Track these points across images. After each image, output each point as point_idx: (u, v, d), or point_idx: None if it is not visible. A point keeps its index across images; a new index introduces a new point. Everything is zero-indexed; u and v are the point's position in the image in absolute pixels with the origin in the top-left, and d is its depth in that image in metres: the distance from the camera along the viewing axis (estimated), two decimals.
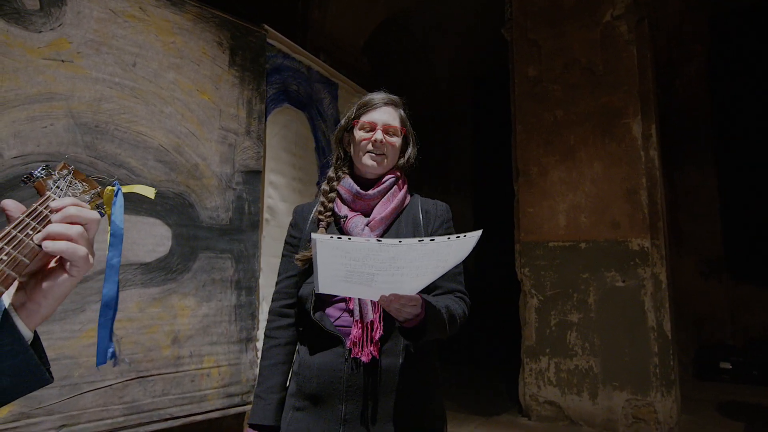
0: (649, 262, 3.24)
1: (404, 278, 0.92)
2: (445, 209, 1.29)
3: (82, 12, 1.97)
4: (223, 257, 2.18)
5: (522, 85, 3.80)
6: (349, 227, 1.18)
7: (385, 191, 1.23)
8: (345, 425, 1.10)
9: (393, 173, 1.26)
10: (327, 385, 1.12)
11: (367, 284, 0.93)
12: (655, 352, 3.15)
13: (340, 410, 1.10)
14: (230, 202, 2.26)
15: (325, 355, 1.13)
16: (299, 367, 1.18)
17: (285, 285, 1.26)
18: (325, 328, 1.13)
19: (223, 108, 2.33)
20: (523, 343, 3.63)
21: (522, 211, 3.72)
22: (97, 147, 1.92)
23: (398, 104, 1.28)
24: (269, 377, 1.20)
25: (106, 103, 1.97)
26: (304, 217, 1.28)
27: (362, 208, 1.22)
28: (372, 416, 1.10)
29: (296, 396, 1.16)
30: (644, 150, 3.30)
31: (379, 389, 1.12)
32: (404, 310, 0.99)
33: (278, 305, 1.26)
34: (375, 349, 1.10)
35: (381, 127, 1.22)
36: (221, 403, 2.04)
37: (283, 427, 1.16)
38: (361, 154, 1.22)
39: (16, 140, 1.75)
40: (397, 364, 1.13)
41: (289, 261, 1.26)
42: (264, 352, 1.24)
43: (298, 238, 1.26)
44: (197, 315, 2.06)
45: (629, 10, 3.45)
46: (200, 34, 2.30)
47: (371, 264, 0.87)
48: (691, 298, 5.58)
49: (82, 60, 1.94)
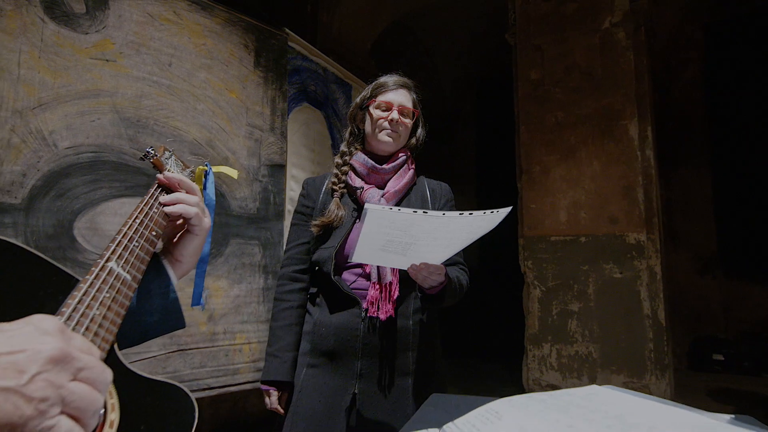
0: (644, 254, 3.42)
1: (437, 248, 1.00)
2: (448, 189, 1.42)
3: (123, 15, 2.13)
4: (251, 243, 2.35)
5: (525, 88, 3.98)
6: (365, 198, 1.26)
7: (399, 167, 1.33)
8: (360, 380, 1.17)
9: (404, 151, 1.35)
10: (344, 342, 1.19)
11: (402, 253, 1.02)
12: (650, 338, 3.32)
13: (356, 366, 1.18)
14: (257, 193, 2.43)
15: (342, 315, 1.21)
16: (314, 326, 1.24)
17: (297, 251, 1.33)
18: (343, 289, 1.20)
19: (249, 106, 2.49)
20: (526, 332, 3.80)
21: (525, 207, 3.89)
22: (139, 140, 2.09)
23: (411, 87, 1.38)
24: (283, 337, 1.26)
25: (146, 100, 2.13)
26: (316, 188, 1.36)
27: (376, 182, 1.31)
28: (386, 372, 1.19)
29: (310, 354, 1.23)
30: (640, 150, 3.49)
31: (392, 347, 1.20)
32: (431, 278, 1.07)
33: (290, 270, 1.31)
34: (392, 307, 1.18)
35: (397, 107, 1.30)
36: (252, 376, 2.20)
37: (297, 383, 1.22)
38: (377, 131, 1.31)
39: (68, 132, 1.92)
40: (409, 325, 1.23)
41: (300, 229, 1.34)
42: (276, 314, 1.29)
43: (311, 207, 1.33)
44: (230, 296, 2.23)
45: (627, 18, 3.63)
46: (228, 37, 2.47)
47: (412, 233, 0.95)
48: (686, 294, 5.77)
49: (124, 60, 2.10)
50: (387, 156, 1.35)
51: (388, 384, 1.19)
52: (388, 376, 1.19)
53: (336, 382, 1.19)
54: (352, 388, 1.17)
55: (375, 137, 1.32)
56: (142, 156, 0.83)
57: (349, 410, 1.17)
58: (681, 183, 5.87)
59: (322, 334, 1.23)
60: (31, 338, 0.36)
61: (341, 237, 1.24)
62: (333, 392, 1.17)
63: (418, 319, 1.26)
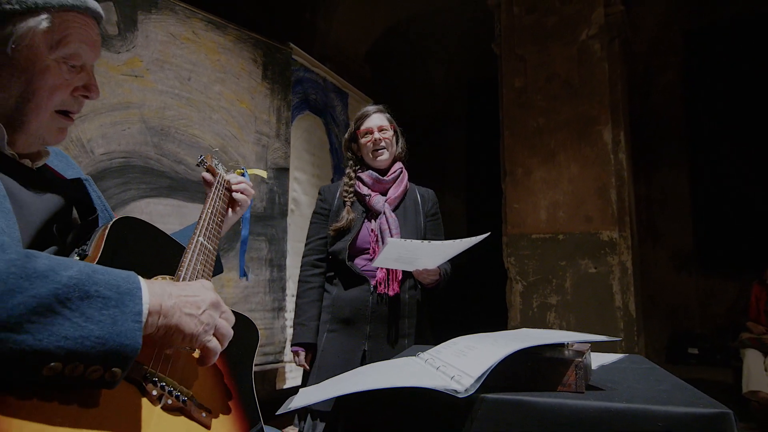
0: (617, 251, 3.74)
1: (434, 259, 1.45)
2: (433, 194, 1.82)
3: (150, 36, 2.41)
4: (259, 239, 2.63)
5: (509, 95, 4.29)
6: (372, 203, 1.66)
7: (396, 177, 1.72)
8: (369, 340, 1.56)
9: (398, 163, 1.74)
10: (356, 311, 1.57)
11: (409, 263, 1.46)
12: (621, 328, 3.64)
13: (366, 329, 1.57)
14: (264, 193, 2.71)
15: (355, 290, 1.60)
16: (333, 300, 1.63)
17: (317, 244, 1.71)
18: (356, 271, 1.60)
19: (257, 115, 2.78)
20: (509, 324, 4.11)
21: (509, 207, 4.20)
22: (163, 146, 2.37)
23: (384, 110, 1.77)
24: (308, 310, 1.64)
25: (168, 111, 2.41)
26: (332, 194, 1.74)
27: (380, 189, 1.70)
28: (389, 333, 1.58)
29: (330, 322, 1.61)
30: (614, 153, 3.80)
31: (394, 315, 1.59)
32: (429, 278, 1.53)
33: (312, 258, 1.70)
34: (397, 285, 1.58)
35: (376, 128, 1.69)
36: (259, 360, 2.49)
37: (319, 345, 1.60)
38: (369, 153, 1.69)
39: (103, 140, 2.19)
40: (406, 299, 1.62)
41: (318, 226, 1.72)
42: (301, 293, 1.67)
43: (328, 209, 1.72)
44: (239, 286, 2.51)
45: (602, 31, 3.95)
46: (239, 53, 2.75)
47: (417, 253, 1.38)
48: (664, 290, 6.06)
49: (150, 75, 2.38)
50: (385, 168, 1.72)
51: (391, 342, 1.57)
52: (390, 336, 1.58)
53: (351, 342, 1.56)
54: (363, 346, 1.56)
55: (370, 158, 1.71)
56: (198, 162, 1.13)
57: (361, 363, 1.53)
58: (661, 183, 6.14)
59: (340, 305, 1.60)
60: (202, 290, 0.66)
61: (354, 234, 1.62)
62: (349, 350, 1.55)
63: (412, 294, 1.65)
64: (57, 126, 0.78)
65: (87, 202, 0.85)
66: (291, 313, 2.62)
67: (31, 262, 0.52)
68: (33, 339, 0.50)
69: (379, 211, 1.64)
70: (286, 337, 2.64)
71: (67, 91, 0.76)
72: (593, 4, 4.00)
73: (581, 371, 0.75)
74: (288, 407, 0.79)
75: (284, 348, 2.62)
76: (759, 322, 3.99)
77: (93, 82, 0.79)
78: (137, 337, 0.56)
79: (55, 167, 0.89)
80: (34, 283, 0.51)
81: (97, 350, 0.53)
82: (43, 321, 0.51)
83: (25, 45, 0.70)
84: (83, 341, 0.52)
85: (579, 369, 0.75)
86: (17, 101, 0.71)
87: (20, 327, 0.50)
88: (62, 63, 0.74)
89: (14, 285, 0.50)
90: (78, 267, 0.56)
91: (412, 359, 0.90)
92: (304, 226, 2.80)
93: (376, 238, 1.60)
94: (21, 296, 0.50)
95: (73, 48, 0.74)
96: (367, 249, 1.62)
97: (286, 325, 2.67)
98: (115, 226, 0.75)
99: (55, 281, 0.53)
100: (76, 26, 0.74)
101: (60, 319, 0.52)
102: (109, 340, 0.54)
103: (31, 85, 0.71)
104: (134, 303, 0.57)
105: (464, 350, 0.82)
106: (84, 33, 0.75)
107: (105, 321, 0.54)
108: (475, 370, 0.70)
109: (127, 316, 0.56)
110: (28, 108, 0.72)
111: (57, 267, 0.54)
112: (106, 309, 0.55)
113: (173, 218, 2.28)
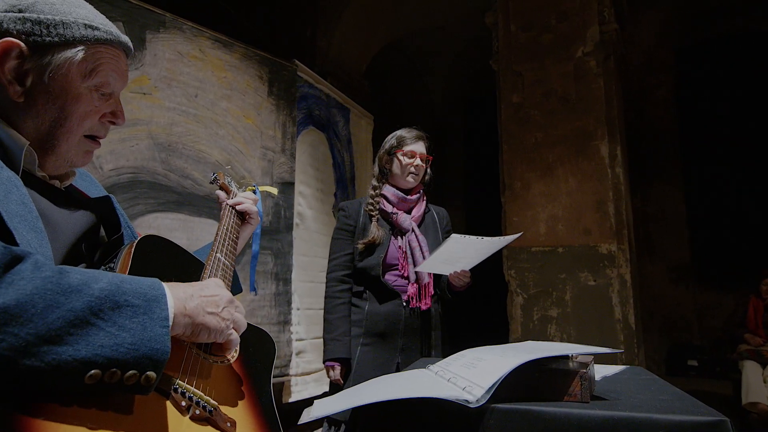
0: (615, 263, 3.78)
1: (471, 260, 1.53)
2: (446, 213, 1.92)
3: (158, 54, 2.47)
4: (264, 253, 2.67)
5: (507, 110, 4.36)
6: (399, 220, 1.73)
7: (420, 198, 1.80)
8: (402, 353, 1.63)
9: (420, 186, 1.83)
10: (390, 325, 1.63)
11: (452, 264, 1.53)
12: (621, 340, 3.67)
13: (399, 343, 1.63)
14: (270, 207, 2.75)
15: (388, 305, 1.65)
16: (366, 315, 1.67)
17: (344, 260, 1.73)
18: (389, 287, 1.66)
19: (263, 130, 2.83)
20: (510, 336, 4.13)
21: (508, 220, 4.25)
22: (170, 162, 2.41)
23: (425, 138, 1.84)
24: (340, 326, 1.66)
25: (176, 127, 2.46)
26: (355, 211, 1.78)
27: (404, 208, 1.77)
28: (422, 346, 1.65)
29: (363, 336, 1.65)
30: (611, 168, 3.87)
31: (426, 328, 1.67)
32: (464, 280, 1.61)
33: (339, 274, 1.72)
34: (429, 299, 1.67)
35: (419, 155, 1.76)
36: None
37: (353, 359, 1.63)
38: (405, 174, 1.75)
39: (112, 156, 2.24)
40: (433, 312, 1.71)
41: (343, 242, 1.75)
42: (331, 309, 1.69)
43: (353, 226, 1.75)
44: (245, 300, 2.54)
45: (597, 48, 4.04)
46: (245, 70, 2.82)
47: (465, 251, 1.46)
48: (662, 303, 6.11)
49: (158, 92, 2.43)
50: (409, 189, 1.80)
51: (423, 354, 1.64)
52: (422, 349, 1.66)
53: (385, 355, 1.62)
54: (397, 359, 1.62)
55: (403, 178, 1.77)
56: (211, 181, 1.18)
57: None
58: (656, 197, 6.22)
59: (374, 320, 1.66)
60: (217, 289, 0.70)
61: (384, 250, 1.68)
62: (383, 363, 1.60)
63: (436, 308, 1.75)
64: (84, 149, 0.82)
65: (112, 220, 0.89)
66: (297, 327, 2.64)
67: (65, 278, 0.57)
68: (73, 350, 0.54)
69: (407, 230, 1.71)
70: (292, 350, 2.66)
71: (96, 117, 0.80)
72: (588, 23, 4.10)
73: (586, 382, 0.79)
74: (311, 416, 0.83)
75: (290, 361, 2.64)
76: (757, 334, 4.03)
77: (120, 109, 0.84)
78: (166, 341, 0.60)
79: (80, 186, 0.93)
80: (69, 298, 0.56)
81: (132, 356, 0.57)
82: (80, 332, 0.55)
83: (62, 74, 0.74)
84: (118, 348, 0.57)
85: (584, 380, 0.79)
86: (50, 126, 0.76)
87: (60, 339, 0.54)
88: (93, 91, 0.78)
89: (52, 301, 0.54)
90: (107, 278, 0.60)
91: (422, 371, 0.93)
92: (309, 240, 2.84)
93: (404, 255, 1.67)
94: (59, 311, 0.54)
95: (104, 77, 0.79)
96: (395, 265, 1.68)
97: (292, 338, 2.68)
98: (141, 243, 0.79)
99: (88, 294, 0.57)
100: (108, 58, 0.79)
101: (95, 330, 0.56)
102: (141, 346, 0.58)
103: (63, 111, 0.76)
104: (161, 309, 0.62)
105: (473, 362, 0.85)
106: (114, 64, 0.80)
107: (136, 328, 0.58)
108: (485, 381, 0.74)
109: (156, 321, 0.60)
110: (60, 132, 0.77)
111: (89, 280, 0.58)
112: (136, 317, 0.59)
113: (180, 232, 2.32)
